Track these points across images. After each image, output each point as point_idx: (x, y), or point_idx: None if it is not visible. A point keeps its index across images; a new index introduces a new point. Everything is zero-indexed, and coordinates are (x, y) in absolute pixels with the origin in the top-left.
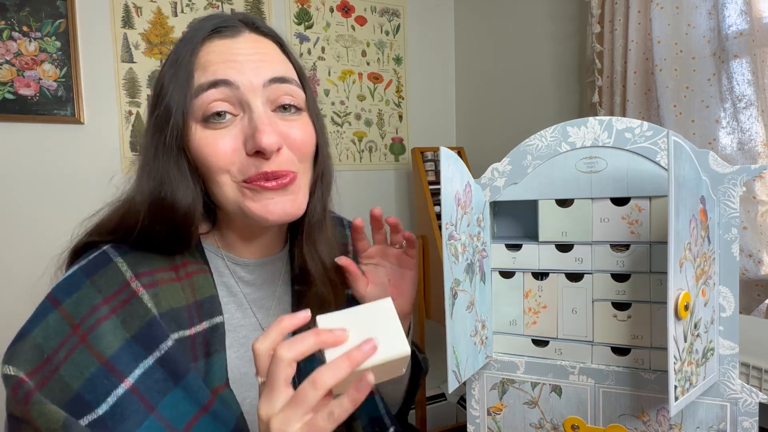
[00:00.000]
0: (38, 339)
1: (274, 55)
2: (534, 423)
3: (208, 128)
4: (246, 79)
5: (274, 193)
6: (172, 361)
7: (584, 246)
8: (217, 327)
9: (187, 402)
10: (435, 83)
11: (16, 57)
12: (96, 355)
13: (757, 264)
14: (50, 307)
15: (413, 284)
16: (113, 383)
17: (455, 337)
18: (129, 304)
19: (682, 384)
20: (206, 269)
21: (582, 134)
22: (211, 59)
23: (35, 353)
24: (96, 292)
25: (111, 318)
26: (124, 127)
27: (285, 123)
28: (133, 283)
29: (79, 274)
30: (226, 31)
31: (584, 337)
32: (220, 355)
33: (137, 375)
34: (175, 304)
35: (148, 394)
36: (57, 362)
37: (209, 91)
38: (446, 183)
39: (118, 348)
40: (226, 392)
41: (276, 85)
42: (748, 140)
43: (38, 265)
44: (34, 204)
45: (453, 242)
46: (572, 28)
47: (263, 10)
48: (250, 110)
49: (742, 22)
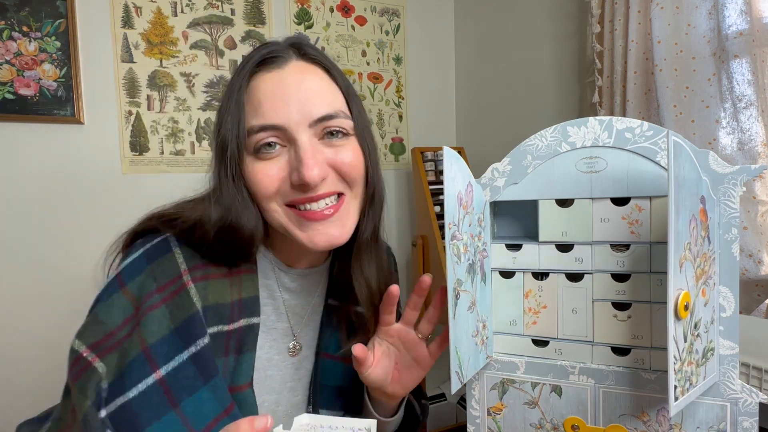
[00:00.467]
0: (102, 316)
1: (321, 87)
2: (534, 423)
3: (258, 159)
4: (293, 121)
5: (318, 224)
6: (205, 359)
7: (584, 246)
8: (253, 327)
9: (211, 403)
10: (435, 83)
11: (16, 57)
12: (140, 341)
13: (757, 264)
14: (117, 288)
15: (417, 381)
16: (146, 371)
17: (458, 337)
18: (178, 296)
19: (682, 384)
20: (254, 270)
21: (582, 134)
22: (261, 98)
23: (98, 329)
24: (152, 280)
25: (161, 307)
26: (124, 127)
27: (331, 150)
28: (185, 275)
29: (142, 259)
30: (273, 62)
31: (584, 337)
32: (251, 354)
33: (170, 368)
34: (222, 299)
35: (174, 389)
36: (121, 337)
37: (259, 134)
38: (449, 183)
39: (161, 338)
40: (248, 391)
41: (322, 123)
42: (748, 140)
43: (38, 265)
44: (34, 204)
45: (455, 242)
46: (572, 28)
47: (263, 10)
48: (296, 144)
49: (742, 22)
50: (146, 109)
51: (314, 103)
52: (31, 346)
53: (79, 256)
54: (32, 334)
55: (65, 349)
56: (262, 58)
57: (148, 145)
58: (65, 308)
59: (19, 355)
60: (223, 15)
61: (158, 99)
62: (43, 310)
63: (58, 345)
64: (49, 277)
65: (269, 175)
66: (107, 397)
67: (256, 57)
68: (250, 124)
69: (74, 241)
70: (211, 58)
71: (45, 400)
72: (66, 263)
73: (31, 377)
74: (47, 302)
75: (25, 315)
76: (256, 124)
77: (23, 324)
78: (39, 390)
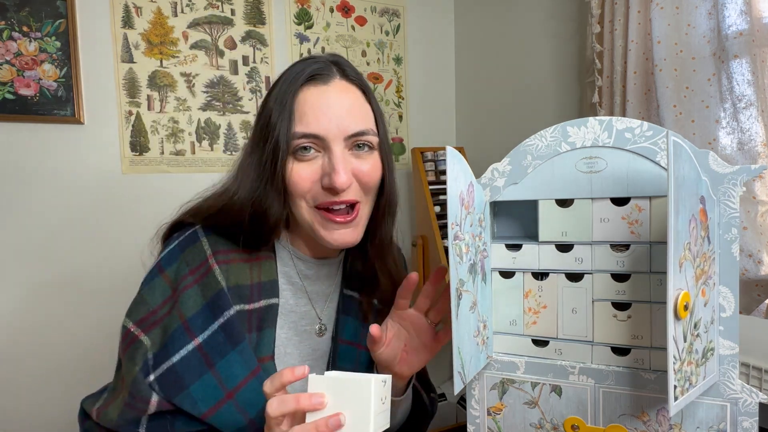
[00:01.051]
0: (146, 297)
1: (358, 106)
2: (534, 423)
3: (296, 159)
4: (331, 134)
5: (340, 226)
6: (232, 327)
7: (584, 246)
8: (272, 307)
9: (239, 365)
10: (435, 83)
11: (16, 57)
12: (180, 315)
13: (757, 264)
14: (157, 273)
15: (423, 363)
16: (186, 339)
17: (460, 337)
18: (207, 277)
19: (681, 384)
20: (272, 257)
21: (582, 134)
22: (307, 110)
23: (143, 308)
24: (185, 265)
25: (194, 287)
26: (124, 127)
27: (357, 160)
28: (210, 259)
29: (176, 249)
30: (320, 78)
31: (584, 337)
32: (270, 331)
33: (206, 335)
34: (242, 281)
35: (210, 353)
36: (162, 315)
37: (302, 139)
38: (452, 182)
39: (196, 312)
40: (270, 363)
41: (355, 138)
42: (748, 140)
43: (38, 265)
44: (34, 204)
45: (458, 242)
46: (572, 28)
47: (263, 11)
48: (331, 152)
49: (742, 22)
50: (146, 109)
51: (351, 119)
52: (32, 344)
53: (80, 255)
54: (33, 331)
55: (68, 345)
56: (311, 75)
57: (148, 145)
58: (67, 306)
59: (21, 353)
60: (223, 15)
61: (158, 99)
62: (44, 309)
63: (59, 341)
64: (50, 277)
65: (303, 177)
66: (153, 364)
67: (306, 72)
68: (294, 130)
69: (74, 241)
70: (211, 58)
71: (45, 398)
72: (66, 263)
73: (33, 375)
74: (49, 301)
75: (25, 313)
76: (300, 131)
77: (25, 322)
78: (39, 390)
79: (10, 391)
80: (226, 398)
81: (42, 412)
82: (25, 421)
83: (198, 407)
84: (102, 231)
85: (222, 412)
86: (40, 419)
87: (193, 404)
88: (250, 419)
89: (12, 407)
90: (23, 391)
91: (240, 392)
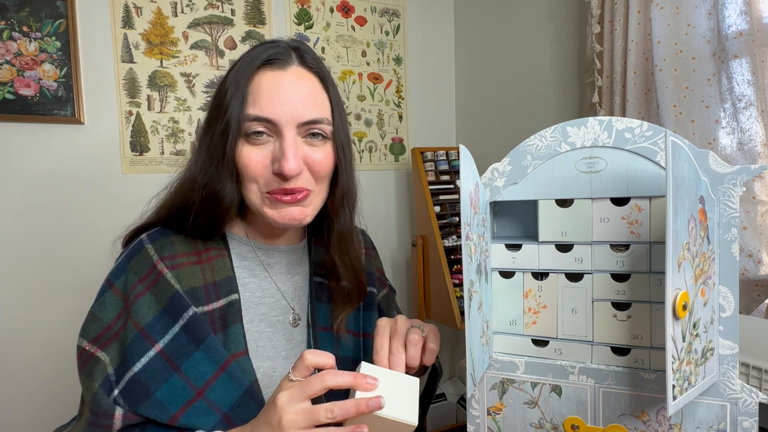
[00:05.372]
0: (97, 313)
1: (313, 93)
2: (534, 423)
3: (248, 143)
4: (284, 119)
5: (286, 204)
6: (194, 327)
7: (584, 246)
8: (232, 303)
9: (206, 363)
10: (435, 83)
11: (16, 57)
12: (134, 324)
13: (757, 264)
14: (107, 288)
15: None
16: (146, 346)
17: (472, 339)
18: (159, 282)
19: (680, 383)
20: (225, 254)
21: (582, 134)
22: (261, 94)
23: (96, 325)
24: (134, 275)
25: (147, 294)
26: (124, 127)
27: (310, 148)
28: (159, 264)
29: (123, 261)
30: (277, 63)
31: (584, 337)
32: (237, 326)
33: (166, 340)
34: (195, 284)
35: (174, 356)
36: (117, 329)
37: (254, 122)
38: (464, 182)
39: (152, 318)
40: (244, 359)
41: (308, 126)
42: (748, 140)
43: (38, 265)
44: (34, 204)
45: (468, 243)
46: (572, 28)
47: (263, 11)
48: (283, 138)
49: (741, 22)
50: (146, 109)
51: (305, 107)
52: (32, 346)
53: (79, 256)
54: (33, 334)
55: (67, 347)
56: (268, 58)
57: (148, 145)
58: (65, 308)
59: (20, 356)
60: (223, 15)
61: (158, 99)
62: (43, 310)
63: (60, 344)
64: (50, 277)
65: (254, 161)
66: (116, 379)
67: (263, 56)
68: (247, 112)
69: (74, 242)
70: (211, 58)
71: (44, 397)
72: (66, 263)
73: (32, 377)
74: (48, 302)
75: (25, 315)
76: (253, 114)
77: (24, 324)
78: (39, 389)
79: (10, 391)
80: (197, 396)
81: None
82: (26, 421)
83: (167, 411)
84: (102, 231)
85: (193, 410)
86: (41, 419)
87: (161, 409)
88: (224, 414)
89: (13, 407)
90: (24, 391)
91: (210, 388)
